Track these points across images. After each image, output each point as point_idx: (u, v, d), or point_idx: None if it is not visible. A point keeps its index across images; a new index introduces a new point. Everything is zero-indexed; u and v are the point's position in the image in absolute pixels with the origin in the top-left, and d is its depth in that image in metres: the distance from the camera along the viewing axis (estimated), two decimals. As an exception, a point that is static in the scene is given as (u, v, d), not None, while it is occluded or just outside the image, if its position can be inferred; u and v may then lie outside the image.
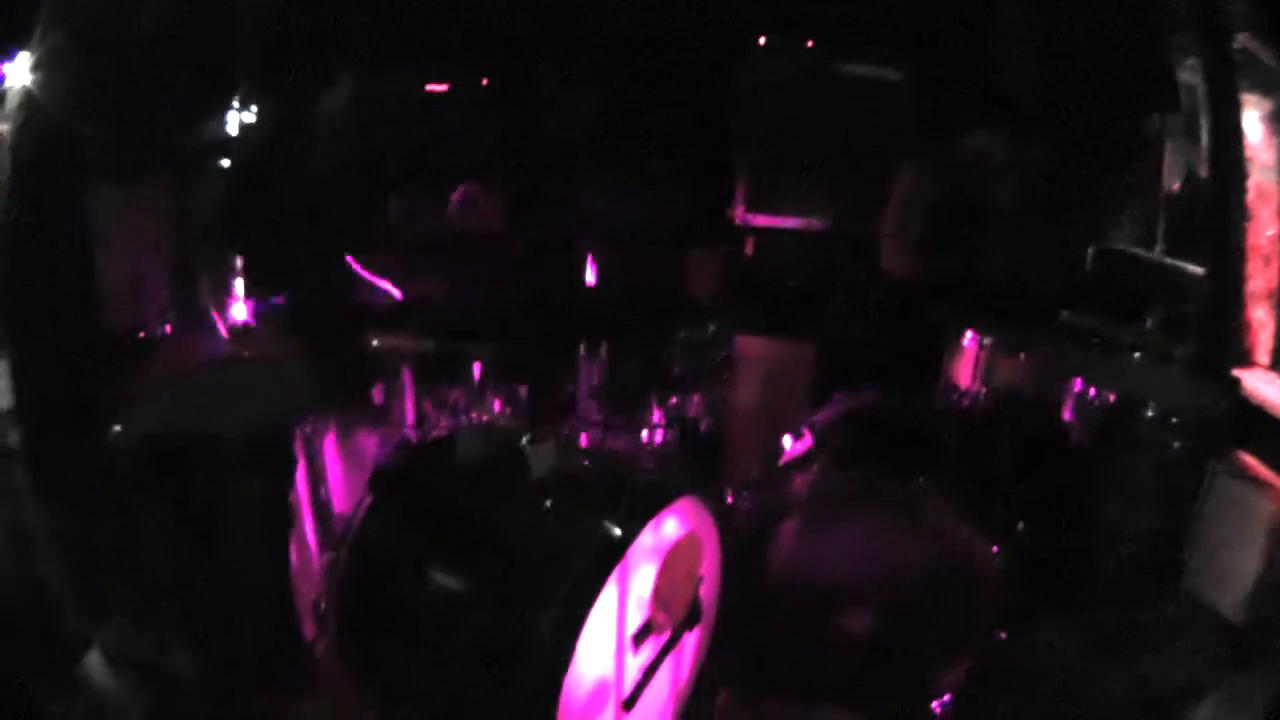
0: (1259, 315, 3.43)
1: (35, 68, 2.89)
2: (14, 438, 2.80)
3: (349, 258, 3.38)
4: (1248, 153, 3.49)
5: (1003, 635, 2.62)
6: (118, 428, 2.58)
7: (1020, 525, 2.64)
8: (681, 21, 4.01)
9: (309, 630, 2.57)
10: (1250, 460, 3.12)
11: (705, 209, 4.27)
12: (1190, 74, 3.64)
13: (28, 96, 2.90)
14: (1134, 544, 2.86)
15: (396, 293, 3.22)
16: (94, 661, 2.61)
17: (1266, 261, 3.48)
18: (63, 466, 2.81)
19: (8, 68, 2.85)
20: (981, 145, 3.62)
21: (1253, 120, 3.50)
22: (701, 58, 4.05)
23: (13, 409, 2.81)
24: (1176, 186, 3.85)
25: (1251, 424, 3.15)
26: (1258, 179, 3.50)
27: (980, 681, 2.62)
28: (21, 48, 2.85)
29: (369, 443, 2.73)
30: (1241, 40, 3.40)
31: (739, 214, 4.25)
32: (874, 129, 4.08)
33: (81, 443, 2.74)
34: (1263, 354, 3.39)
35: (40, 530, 2.70)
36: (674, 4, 3.98)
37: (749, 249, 4.32)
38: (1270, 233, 3.47)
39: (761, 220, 4.30)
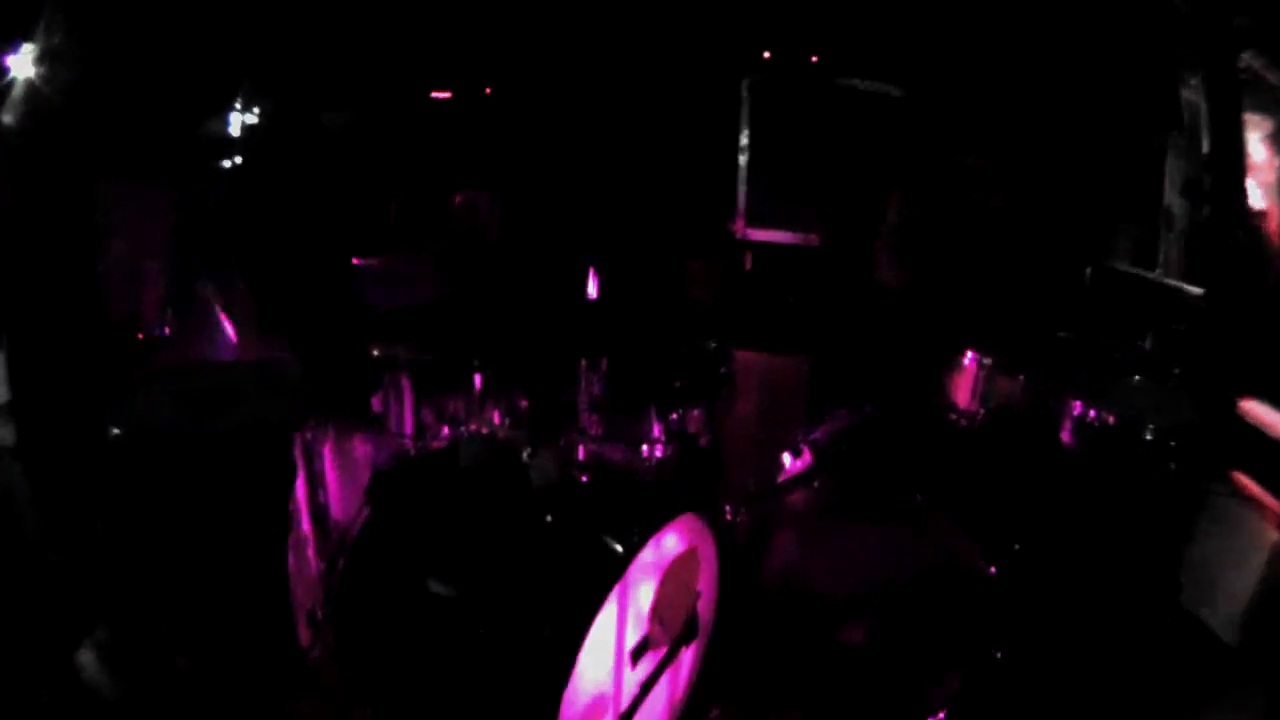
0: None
1: (39, 60, 2.88)
2: (8, 433, 2.80)
3: (353, 262, 3.37)
4: (1249, 172, 3.49)
5: (997, 654, 2.62)
6: (115, 429, 2.56)
7: (1016, 544, 2.64)
8: (685, 35, 4.00)
9: (304, 637, 2.56)
10: (1246, 481, 3.14)
11: (706, 223, 4.27)
12: (1192, 92, 3.64)
13: (30, 89, 2.89)
14: (1130, 562, 2.87)
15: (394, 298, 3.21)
16: (86, 658, 2.61)
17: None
18: (58, 463, 2.80)
19: (11, 60, 2.84)
20: (978, 163, 3.62)
21: (1255, 140, 3.50)
22: (703, 72, 4.05)
23: (9, 404, 2.80)
24: (1176, 205, 3.85)
25: (1248, 445, 3.17)
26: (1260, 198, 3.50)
27: (975, 697, 2.63)
28: (25, 39, 2.84)
29: (367, 450, 2.72)
30: (1246, 59, 3.40)
31: (738, 228, 4.25)
32: (873, 145, 4.08)
33: (78, 440, 2.74)
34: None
35: (35, 526, 2.69)
36: (677, 17, 3.97)
37: (748, 263, 4.32)
38: (1270, 253, 3.47)
39: (760, 235, 4.30)
